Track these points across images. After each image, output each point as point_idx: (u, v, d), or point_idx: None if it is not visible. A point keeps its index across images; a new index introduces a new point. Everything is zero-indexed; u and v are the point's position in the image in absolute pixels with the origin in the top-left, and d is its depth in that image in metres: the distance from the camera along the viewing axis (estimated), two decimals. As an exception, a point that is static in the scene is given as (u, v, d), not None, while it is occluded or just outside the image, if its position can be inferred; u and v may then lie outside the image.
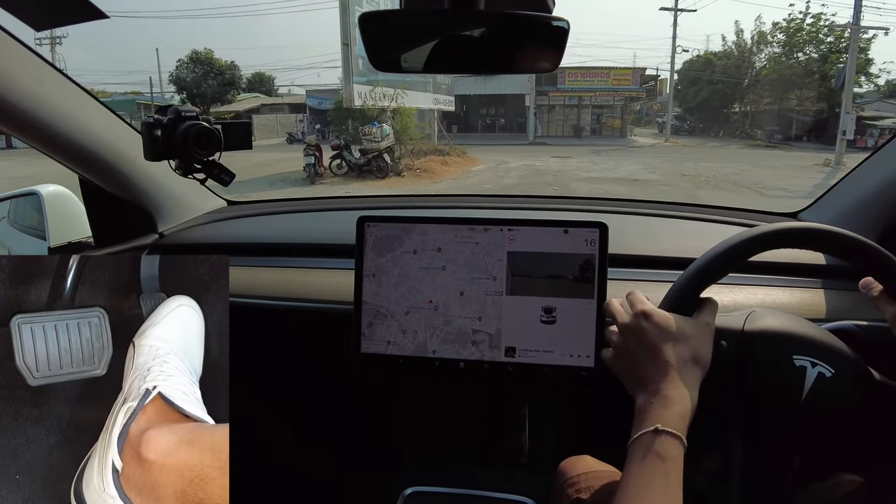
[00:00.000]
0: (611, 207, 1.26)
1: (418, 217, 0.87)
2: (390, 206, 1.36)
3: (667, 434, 0.51)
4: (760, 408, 0.60)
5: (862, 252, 0.60)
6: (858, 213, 1.02)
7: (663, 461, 0.50)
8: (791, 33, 26.37)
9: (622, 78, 26.82)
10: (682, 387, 0.54)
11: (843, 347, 0.61)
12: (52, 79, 0.91)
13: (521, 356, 0.82)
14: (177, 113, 0.99)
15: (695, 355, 0.56)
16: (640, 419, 0.54)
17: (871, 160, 1.03)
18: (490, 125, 29.16)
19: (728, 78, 29.34)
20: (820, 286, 0.95)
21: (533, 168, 14.29)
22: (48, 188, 1.03)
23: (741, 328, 0.63)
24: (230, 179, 1.08)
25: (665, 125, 28.07)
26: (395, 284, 0.85)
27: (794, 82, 25.42)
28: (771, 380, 0.60)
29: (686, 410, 0.53)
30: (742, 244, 0.62)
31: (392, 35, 0.73)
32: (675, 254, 0.99)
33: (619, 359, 0.61)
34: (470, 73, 0.91)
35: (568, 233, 0.82)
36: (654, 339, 0.57)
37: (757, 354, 0.61)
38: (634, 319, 0.59)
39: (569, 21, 0.66)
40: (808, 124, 25.42)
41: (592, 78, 26.85)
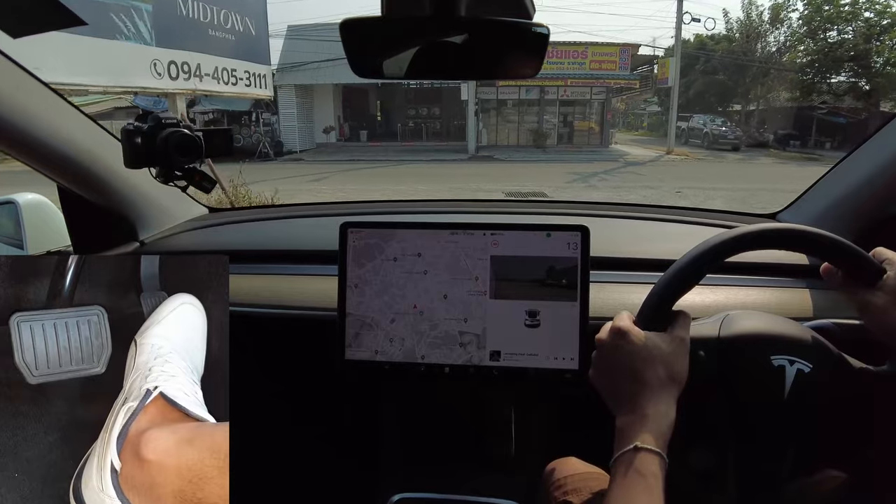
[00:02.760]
0: (593, 211, 1.29)
1: (403, 223, 0.87)
2: (372, 211, 1.37)
3: (646, 451, 0.52)
4: (747, 410, 0.61)
5: (839, 251, 0.61)
6: (836, 213, 1.03)
7: (645, 478, 0.51)
8: (817, 5, 19.25)
9: (605, 59, 18.13)
10: (659, 404, 0.55)
11: (817, 341, 0.62)
12: (29, 86, 0.90)
13: (505, 360, 0.83)
14: (157, 120, 0.98)
15: (670, 373, 0.57)
16: (620, 438, 0.55)
17: (848, 159, 1.05)
18: (415, 131, 21.07)
19: (737, 59, 22.29)
20: (800, 286, 0.96)
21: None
22: (26, 197, 1.01)
23: (717, 335, 0.63)
24: (212, 186, 1.08)
25: (668, 129, 19.39)
26: (377, 293, 0.86)
27: (832, 67, 18.89)
28: (752, 382, 0.61)
29: (664, 427, 0.54)
30: (717, 247, 0.62)
31: (373, 41, 0.72)
32: (657, 256, 1.00)
33: (599, 376, 0.62)
34: (452, 79, 0.93)
35: (550, 236, 0.83)
36: (629, 359, 0.58)
37: (735, 359, 0.62)
38: (610, 337, 0.60)
39: (549, 27, 0.67)
40: (843, 127, 18.85)
41: (562, 59, 17.67)
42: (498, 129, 20.30)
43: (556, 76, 17.87)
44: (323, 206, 1.39)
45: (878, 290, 0.60)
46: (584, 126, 20.30)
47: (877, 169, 0.95)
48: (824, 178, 1.10)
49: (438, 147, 18.99)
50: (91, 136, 1.03)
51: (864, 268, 0.61)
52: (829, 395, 0.60)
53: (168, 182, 1.02)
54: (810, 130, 19.61)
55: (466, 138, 18.13)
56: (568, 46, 17.95)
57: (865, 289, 0.61)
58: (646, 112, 37.33)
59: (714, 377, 0.62)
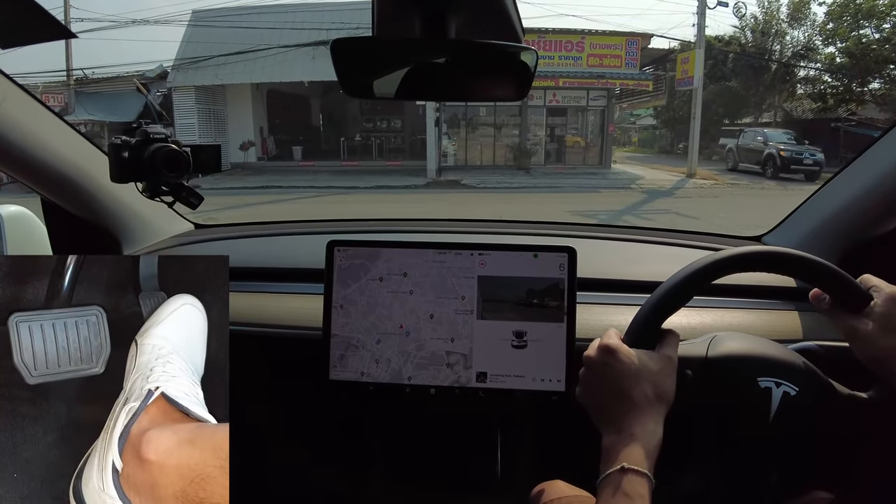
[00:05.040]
0: (580, 232, 1.29)
1: (391, 241, 0.87)
2: (358, 230, 1.38)
3: (633, 472, 0.52)
4: (732, 430, 0.61)
5: (827, 275, 0.62)
6: (821, 235, 1.03)
7: (632, 500, 0.51)
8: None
9: (607, 52, 13.95)
10: (646, 423, 0.55)
11: (805, 365, 0.62)
12: (16, 97, 0.90)
13: (492, 381, 0.83)
14: (145, 135, 0.98)
15: (657, 391, 0.57)
16: (606, 458, 0.55)
17: (832, 182, 1.05)
18: (364, 147, 17.02)
19: (756, 61, 18.71)
20: (787, 308, 0.97)
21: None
22: (8, 208, 1.00)
23: (704, 355, 0.64)
24: (198, 202, 1.08)
25: (690, 145, 14.66)
26: (363, 314, 0.85)
27: (873, 69, 15.79)
28: (739, 403, 0.61)
29: (651, 447, 0.54)
30: (702, 270, 0.62)
31: (363, 62, 0.73)
32: (644, 277, 1.01)
33: (586, 393, 0.61)
34: (440, 100, 0.96)
35: (538, 257, 0.84)
36: (617, 377, 0.58)
37: (722, 380, 0.62)
38: (598, 354, 0.60)
39: (537, 51, 0.69)
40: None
41: (551, 52, 13.57)
42: (468, 144, 15.95)
43: (544, 75, 13.46)
44: (309, 224, 1.41)
45: (864, 317, 0.61)
46: (576, 141, 16.09)
47: (861, 191, 0.95)
48: (809, 201, 1.11)
49: (390, 168, 15.23)
50: (77, 149, 1.02)
51: (851, 294, 0.62)
52: (815, 420, 0.60)
53: (154, 197, 1.01)
54: (837, 146, 15.57)
55: (428, 157, 14.05)
56: (559, 36, 13.66)
57: (852, 315, 0.62)
58: (635, 125, 33.54)
59: (700, 397, 0.62)
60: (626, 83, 14.68)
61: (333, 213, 8.92)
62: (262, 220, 1.47)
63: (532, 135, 15.70)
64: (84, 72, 14.29)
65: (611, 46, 14.10)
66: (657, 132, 28.61)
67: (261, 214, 8.79)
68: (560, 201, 9.89)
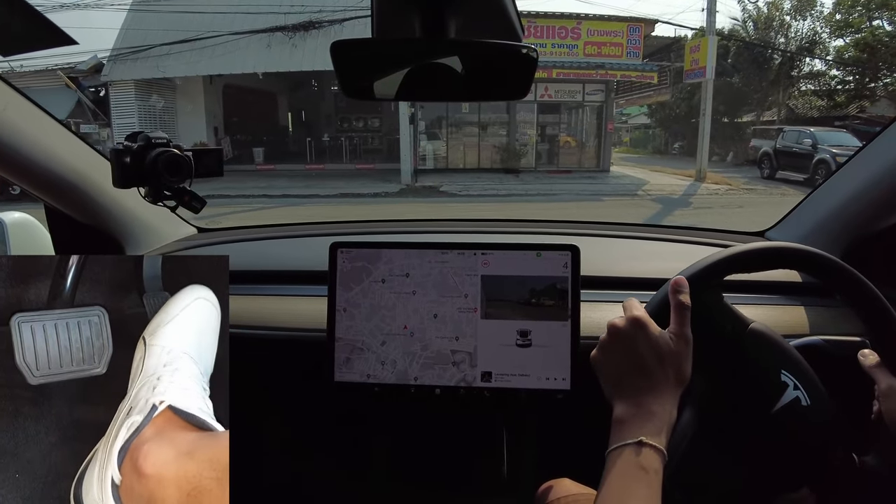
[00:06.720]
0: (583, 230, 1.29)
1: (394, 242, 0.87)
2: (361, 231, 1.38)
3: (650, 447, 0.52)
4: (731, 407, 0.62)
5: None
6: (824, 230, 1.03)
7: (646, 473, 0.51)
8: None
9: (606, 40, 12.46)
10: (665, 403, 0.55)
11: (827, 396, 0.61)
12: (19, 105, 0.90)
13: (497, 381, 0.82)
14: (147, 140, 0.98)
15: (678, 374, 0.57)
16: (620, 429, 0.55)
17: (835, 177, 1.05)
18: (333, 149, 15.07)
19: (764, 54, 17.13)
20: (790, 303, 0.97)
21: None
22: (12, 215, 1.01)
23: (748, 324, 0.64)
24: (201, 206, 1.08)
25: (699, 145, 12.53)
26: (367, 317, 0.85)
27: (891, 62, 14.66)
28: (752, 381, 0.61)
29: (667, 426, 0.54)
30: (743, 254, 0.62)
31: (363, 63, 0.73)
32: (649, 275, 1.00)
33: (604, 359, 0.60)
34: (441, 100, 0.95)
35: (541, 256, 0.84)
36: (644, 351, 0.58)
37: (752, 353, 0.62)
38: (628, 325, 0.59)
39: (538, 50, 0.69)
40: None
41: (544, 39, 12.14)
42: (450, 145, 14.24)
43: (539, 65, 9.73)
44: (311, 227, 1.41)
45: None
46: (569, 141, 14.64)
47: (864, 185, 0.96)
48: (812, 196, 1.11)
49: (360, 171, 13.55)
50: (79, 155, 1.03)
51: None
52: (808, 437, 0.60)
53: (157, 202, 1.02)
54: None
55: (402, 159, 12.27)
56: (552, 21, 12.22)
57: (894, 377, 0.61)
58: (626, 124, 31.11)
59: (724, 358, 0.62)
60: (627, 75, 13.12)
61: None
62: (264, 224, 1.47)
63: (521, 134, 14.34)
64: (11, 65, 13.23)
65: (610, 33, 12.59)
66: (650, 131, 26.84)
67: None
68: (559, 212, 8.79)
